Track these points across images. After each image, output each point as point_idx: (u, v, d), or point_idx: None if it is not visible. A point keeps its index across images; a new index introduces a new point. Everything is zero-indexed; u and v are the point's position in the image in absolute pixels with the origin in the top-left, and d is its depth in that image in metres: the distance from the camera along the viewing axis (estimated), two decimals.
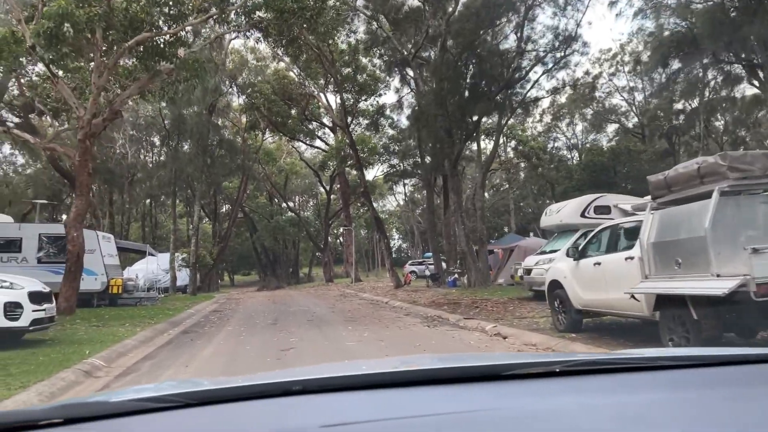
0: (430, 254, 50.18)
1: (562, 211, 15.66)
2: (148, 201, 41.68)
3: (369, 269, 68.27)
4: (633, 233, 7.53)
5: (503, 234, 42.84)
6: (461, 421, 1.06)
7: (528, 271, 15.54)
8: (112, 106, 12.41)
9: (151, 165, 35.86)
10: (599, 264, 8.15)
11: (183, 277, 26.79)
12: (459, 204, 19.13)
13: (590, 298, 8.30)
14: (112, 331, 10.28)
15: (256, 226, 48.64)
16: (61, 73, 12.46)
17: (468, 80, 18.86)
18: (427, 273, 24.04)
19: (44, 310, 8.10)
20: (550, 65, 21.29)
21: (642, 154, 34.65)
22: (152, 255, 22.92)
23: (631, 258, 7.26)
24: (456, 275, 23.44)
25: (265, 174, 46.40)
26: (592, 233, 9.07)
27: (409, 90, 27.91)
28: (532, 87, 22.00)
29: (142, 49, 12.26)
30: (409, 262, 42.43)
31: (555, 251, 14.65)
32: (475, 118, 19.99)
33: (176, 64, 12.25)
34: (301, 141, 40.72)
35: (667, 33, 24.43)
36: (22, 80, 17.81)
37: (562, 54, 20.53)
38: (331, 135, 41.44)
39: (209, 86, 22.61)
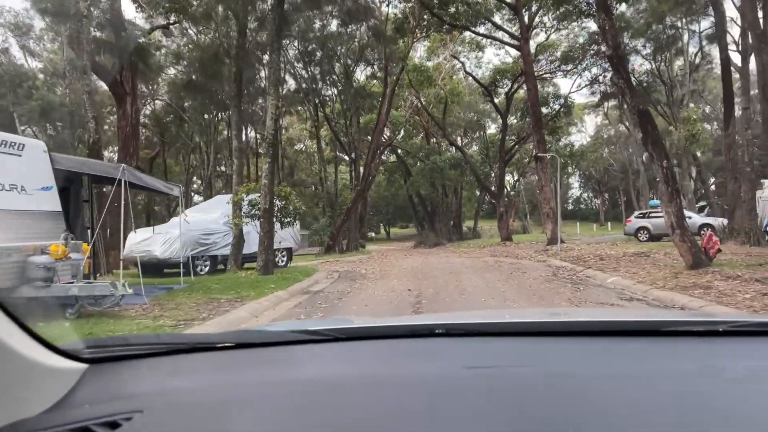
0: (657, 202, 34.82)
1: None
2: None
3: (541, 222, 54.38)
4: None
5: None
6: (608, 376, 1.00)
7: None
8: None
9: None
10: None
11: (284, 236, 15.75)
12: None
13: None
14: None
15: (410, 171, 39.47)
16: None
17: None
18: None
19: None
20: None
21: None
22: (175, 195, 11.43)
23: None
24: None
25: (421, 104, 35.06)
26: None
27: None
28: None
29: None
30: (635, 213, 28.14)
31: None
32: None
33: None
34: (472, 31, 27.52)
35: None
36: None
37: None
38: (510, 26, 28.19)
39: None
